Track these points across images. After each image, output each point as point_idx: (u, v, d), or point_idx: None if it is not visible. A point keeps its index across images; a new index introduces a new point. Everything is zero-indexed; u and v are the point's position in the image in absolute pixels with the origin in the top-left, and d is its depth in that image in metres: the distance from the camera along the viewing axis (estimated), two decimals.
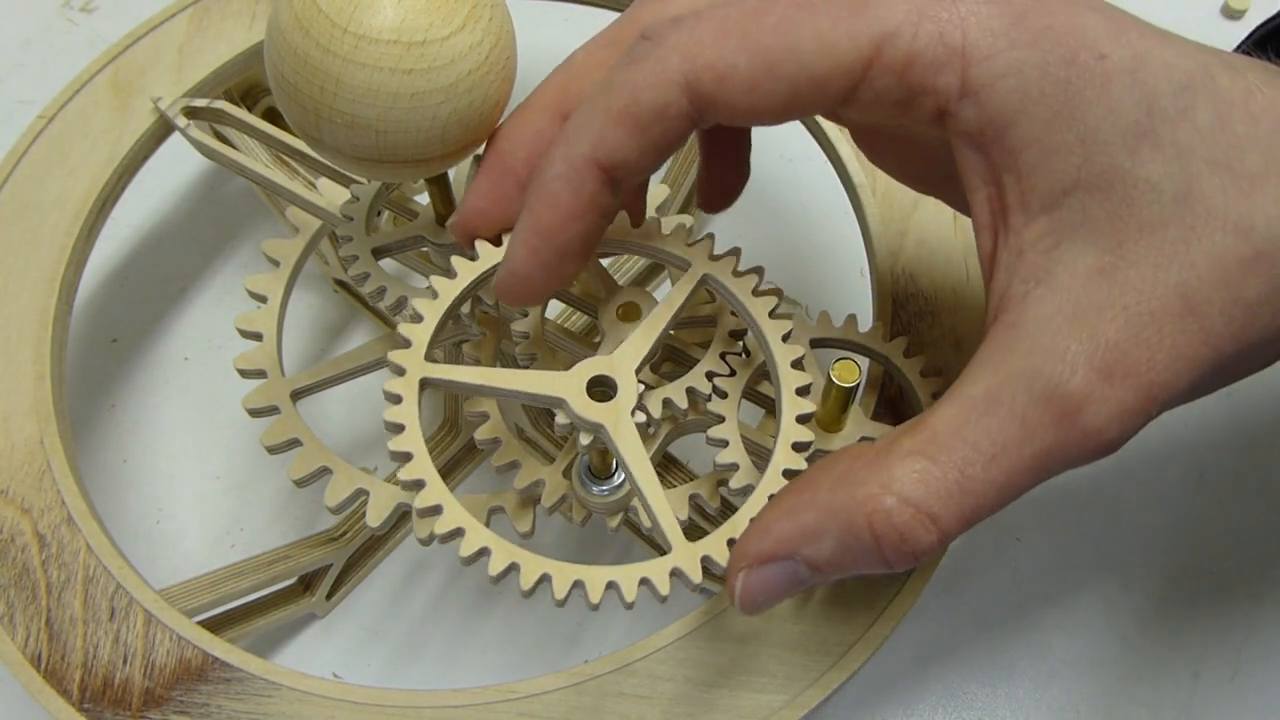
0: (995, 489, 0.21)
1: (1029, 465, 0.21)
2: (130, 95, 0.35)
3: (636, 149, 0.23)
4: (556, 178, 0.23)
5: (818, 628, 0.27)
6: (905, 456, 0.21)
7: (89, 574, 0.28)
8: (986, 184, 0.22)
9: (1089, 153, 0.21)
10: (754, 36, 0.22)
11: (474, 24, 0.24)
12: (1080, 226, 0.21)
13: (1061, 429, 0.21)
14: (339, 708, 0.27)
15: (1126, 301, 0.21)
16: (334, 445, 0.33)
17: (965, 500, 0.21)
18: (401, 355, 0.25)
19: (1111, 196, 0.21)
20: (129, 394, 0.41)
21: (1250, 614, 0.37)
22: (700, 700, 0.27)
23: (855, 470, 0.22)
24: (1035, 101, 0.21)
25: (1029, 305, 0.22)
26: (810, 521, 0.22)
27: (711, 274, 0.26)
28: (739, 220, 0.45)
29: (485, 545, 0.23)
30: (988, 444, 0.21)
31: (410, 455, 0.24)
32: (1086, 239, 0.21)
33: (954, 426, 0.21)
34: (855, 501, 0.22)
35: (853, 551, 0.22)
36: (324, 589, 0.36)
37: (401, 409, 0.24)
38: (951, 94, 0.21)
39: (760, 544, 0.23)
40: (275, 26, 0.24)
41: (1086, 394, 0.21)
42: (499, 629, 0.37)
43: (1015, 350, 0.22)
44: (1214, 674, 0.36)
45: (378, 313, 0.42)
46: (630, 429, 0.24)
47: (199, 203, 0.45)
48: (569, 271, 0.24)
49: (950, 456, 0.21)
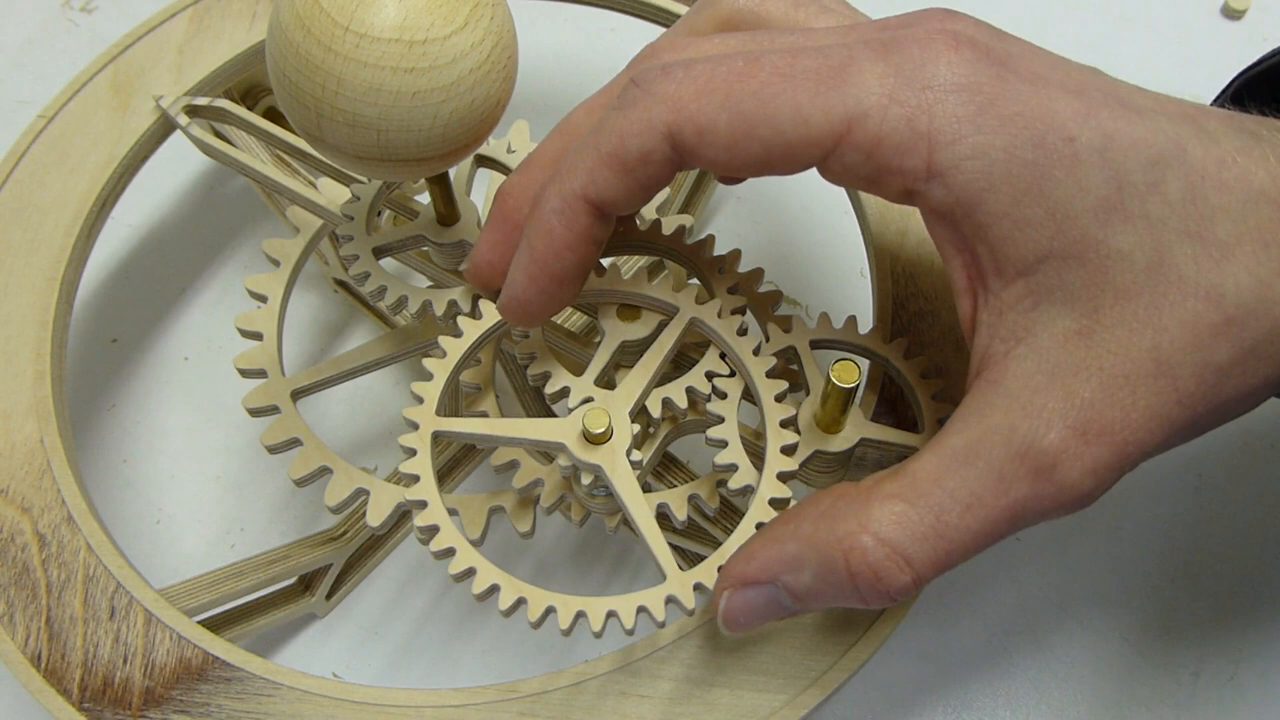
0: (970, 536, 0.22)
1: (1003, 516, 0.22)
2: (130, 95, 0.35)
3: (623, 189, 0.24)
4: (552, 212, 0.25)
5: (818, 628, 0.27)
6: (885, 499, 0.23)
7: (89, 573, 0.28)
8: (961, 253, 0.24)
9: (1060, 225, 0.22)
10: (736, 98, 0.23)
11: (475, 23, 0.24)
12: (1056, 290, 0.22)
13: (1037, 483, 0.22)
14: (339, 708, 0.27)
15: (1102, 364, 0.22)
16: (334, 445, 0.33)
17: (939, 545, 0.22)
18: (414, 412, 0.27)
19: (1085, 265, 0.22)
20: (129, 394, 0.41)
21: (1250, 614, 0.37)
22: (700, 700, 0.27)
23: (838, 507, 0.23)
24: (1003, 180, 0.22)
25: (1009, 364, 0.23)
26: (792, 551, 0.23)
27: (699, 317, 0.28)
28: (739, 220, 0.45)
29: (496, 583, 0.25)
30: (965, 493, 0.22)
31: (425, 503, 0.26)
32: (1063, 302, 0.22)
33: (934, 475, 0.22)
34: (835, 537, 0.23)
35: (829, 584, 0.23)
36: (324, 589, 0.36)
37: (416, 461, 0.26)
38: (919, 175, 0.22)
39: (744, 568, 0.24)
40: (277, 25, 0.24)
41: (1062, 450, 0.22)
42: (499, 629, 0.37)
43: (995, 406, 0.23)
44: (1214, 674, 0.36)
45: (378, 312, 0.42)
46: (626, 468, 0.26)
47: (199, 203, 0.45)
48: (565, 296, 0.26)
49: (928, 502, 0.22)
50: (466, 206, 0.31)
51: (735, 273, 0.30)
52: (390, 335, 0.32)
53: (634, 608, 0.25)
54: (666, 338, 0.28)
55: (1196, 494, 0.39)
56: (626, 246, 0.31)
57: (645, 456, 0.28)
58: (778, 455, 0.26)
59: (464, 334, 0.28)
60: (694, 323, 0.28)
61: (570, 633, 0.25)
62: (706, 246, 0.30)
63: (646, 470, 0.29)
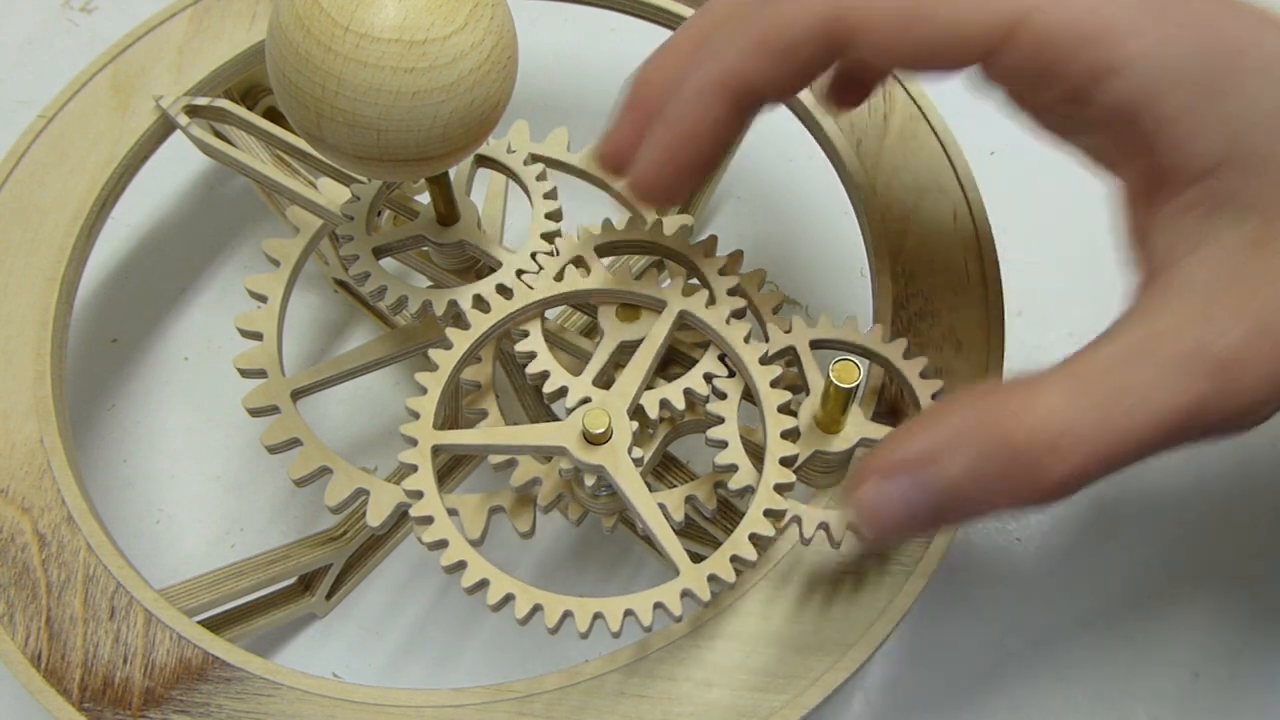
0: (1136, 435, 0.21)
1: (1173, 417, 0.21)
2: (130, 95, 0.35)
3: (773, 77, 0.24)
4: (695, 94, 0.25)
5: (818, 628, 0.27)
6: (1050, 385, 0.21)
7: (89, 573, 0.28)
8: (1132, 158, 0.23)
9: (1236, 132, 0.21)
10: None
11: (475, 23, 0.24)
12: (1234, 198, 0.21)
13: (1213, 382, 0.21)
14: (339, 708, 0.27)
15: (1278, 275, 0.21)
16: (334, 445, 0.33)
17: (1103, 438, 0.21)
18: (412, 428, 0.27)
19: (1264, 173, 0.21)
20: (129, 394, 0.41)
21: (1250, 614, 0.37)
22: (700, 700, 0.27)
23: (999, 392, 0.22)
24: (1183, 80, 0.21)
25: (1182, 269, 0.22)
26: (947, 433, 0.22)
27: (687, 309, 0.28)
28: (739, 220, 0.45)
29: (510, 592, 0.26)
30: (1134, 389, 0.21)
31: (431, 519, 0.26)
32: (1240, 210, 0.21)
33: (1101, 370, 0.21)
34: (1002, 413, 0.21)
35: (986, 471, 0.21)
36: (324, 589, 0.36)
37: (419, 477, 0.26)
38: (1096, 70, 0.22)
39: (894, 453, 0.22)
40: (276, 25, 0.24)
41: (1241, 351, 0.21)
42: (499, 629, 0.37)
43: (1166, 309, 0.22)
44: (1214, 674, 0.36)
45: (378, 312, 0.42)
46: (629, 466, 0.26)
47: (199, 203, 0.45)
48: (687, 183, 0.26)
49: (1096, 393, 0.21)
50: (466, 206, 0.31)
51: (736, 273, 0.30)
52: (390, 335, 0.32)
53: (650, 604, 0.25)
54: (657, 332, 0.28)
55: (1196, 494, 0.39)
56: (627, 247, 0.31)
57: (645, 454, 0.28)
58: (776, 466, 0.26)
59: (454, 345, 0.28)
60: (684, 315, 0.28)
61: (556, 630, 0.25)
62: (708, 247, 0.30)
63: (646, 471, 0.29)
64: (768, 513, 0.26)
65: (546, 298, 0.29)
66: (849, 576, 0.28)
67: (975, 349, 0.30)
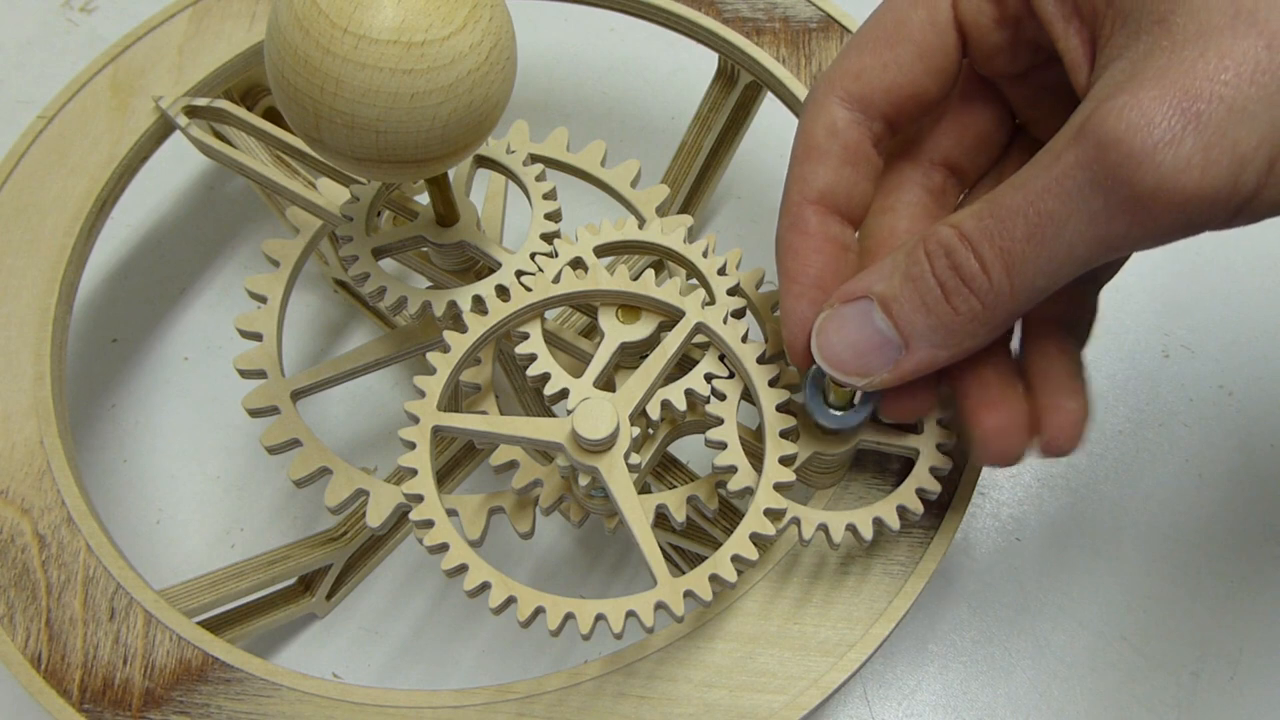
0: (1023, 215, 0.22)
1: (1061, 180, 0.21)
2: (130, 95, 0.35)
3: (832, 172, 0.26)
4: (784, 230, 0.27)
5: (818, 628, 0.27)
6: (967, 207, 0.23)
7: (89, 574, 0.28)
8: (1073, 24, 0.23)
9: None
10: None
11: (474, 24, 0.24)
12: (1153, 34, 0.21)
13: (1124, 170, 0.20)
14: (339, 708, 0.27)
15: (1212, 75, 0.20)
16: (334, 445, 0.33)
17: (1000, 224, 0.22)
18: (416, 405, 0.26)
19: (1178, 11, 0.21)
20: (129, 394, 0.41)
21: (1250, 614, 0.37)
22: (700, 701, 0.27)
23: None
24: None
25: (1100, 85, 0.22)
26: (883, 264, 0.24)
27: (704, 322, 0.28)
28: (739, 220, 0.45)
29: (487, 580, 0.25)
30: (1042, 186, 0.21)
31: (432, 522, 0.26)
32: (1156, 42, 0.21)
33: (1015, 181, 0.22)
34: (920, 239, 0.24)
35: (913, 284, 0.23)
36: (324, 589, 0.36)
37: (415, 455, 0.26)
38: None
39: (842, 289, 0.25)
40: (275, 26, 0.24)
41: (1161, 138, 0.20)
42: (499, 629, 0.37)
43: (1079, 116, 0.21)
44: (1214, 674, 0.36)
45: (378, 313, 0.42)
46: (623, 471, 0.26)
47: (199, 203, 0.45)
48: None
49: (1007, 202, 0.22)
50: (466, 207, 0.31)
51: (735, 273, 0.30)
52: (390, 335, 0.32)
53: (623, 612, 0.25)
54: (671, 341, 0.28)
55: (1197, 493, 0.39)
56: (628, 247, 0.31)
57: (644, 459, 0.28)
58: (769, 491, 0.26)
59: (469, 329, 0.28)
60: (699, 327, 0.28)
61: (559, 633, 0.25)
62: (707, 247, 0.30)
63: (646, 471, 0.29)
64: (768, 512, 0.26)
65: (554, 297, 0.28)
66: (849, 577, 0.28)
67: None
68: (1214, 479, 0.39)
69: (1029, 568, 0.37)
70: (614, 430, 0.25)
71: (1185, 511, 0.38)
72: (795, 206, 0.26)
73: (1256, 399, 0.40)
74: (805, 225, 0.26)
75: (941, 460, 0.27)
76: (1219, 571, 0.37)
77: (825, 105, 0.26)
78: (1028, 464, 0.39)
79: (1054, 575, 0.37)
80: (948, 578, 0.37)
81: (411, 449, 0.26)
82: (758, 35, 0.36)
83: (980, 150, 0.28)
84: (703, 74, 0.40)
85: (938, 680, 0.36)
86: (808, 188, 0.26)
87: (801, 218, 0.26)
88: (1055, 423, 0.25)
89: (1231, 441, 0.40)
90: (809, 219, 0.26)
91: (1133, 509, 0.38)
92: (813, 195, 0.26)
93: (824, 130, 0.26)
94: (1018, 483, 0.39)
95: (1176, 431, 0.40)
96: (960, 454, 0.29)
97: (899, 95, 0.26)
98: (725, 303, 0.29)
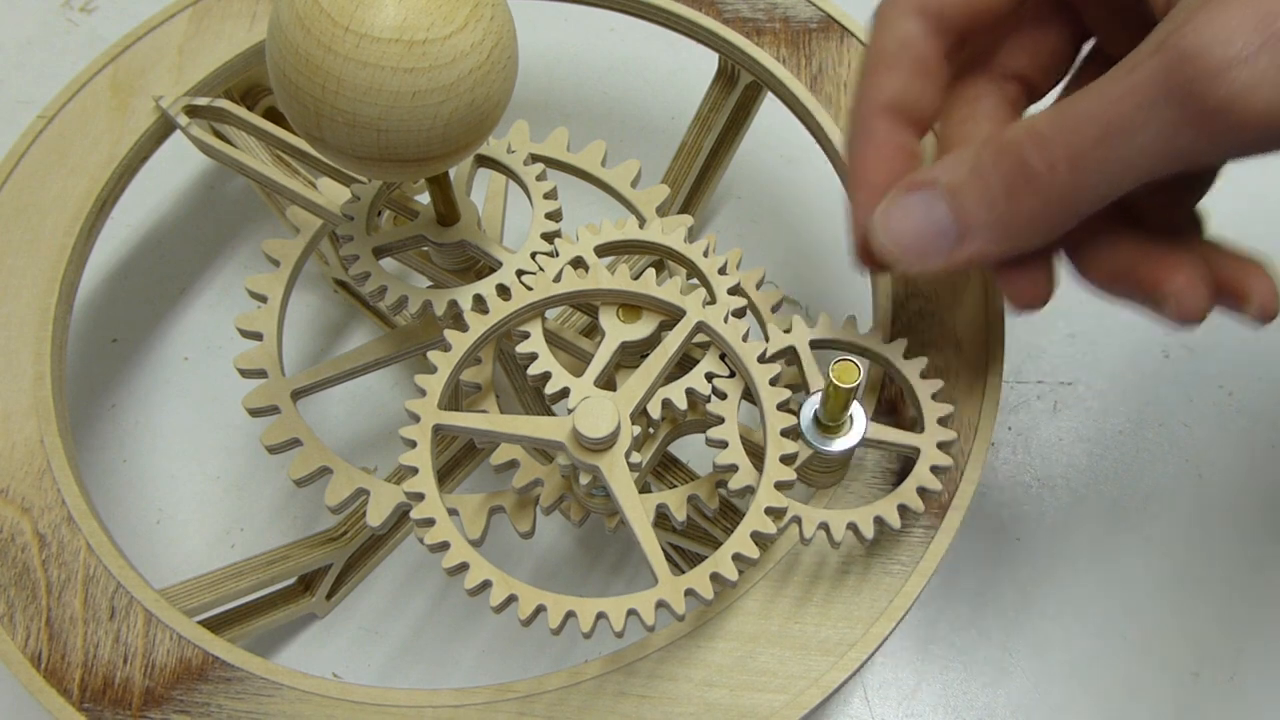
0: (1097, 119, 0.22)
1: (1160, 125, 0.21)
2: (130, 95, 0.35)
3: (901, 83, 0.26)
4: (853, 137, 0.27)
5: (818, 628, 0.27)
6: (1041, 111, 0.23)
7: (89, 573, 0.28)
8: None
9: None
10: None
11: (475, 23, 0.24)
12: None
13: (1199, 83, 0.21)
14: (339, 708, 0.27)
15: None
16: (334, 445, 0.33)
17: (1076, 129, 0.22)
18: (417, 404, 0.27)
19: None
20: (129, 394, 0.41)
21: (1250, 614, 0.37)
22: (700, 700, 0.27)
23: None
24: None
25: (1184, 2, 0.22)
26: (953, 156, 0.24)
27: (705, 321, 0.28)
28: (739, 220, 0.45)
29: (489, 578, 0.25)
30: (1118, 94, 0.22)
31: (433, 521, 0.26)
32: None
33: (1092, 88, 0.22)
34: (991, 136, 0.24)
35: (980, 177, 0.23)
36: (324, 589, 0.36)
37: (416, 453, 0.26)
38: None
39: (908, 178, 0.25)
40: (276, 25, 0.24)
41: (1238, 55, 0.20)
42: (499, 629, 0.37)
43: (1161, 31, 0.22)
44: (1214, 674, 0.36)
45: (378, 313, 0.42)
46: (624, 470, 0.26)
47: (199, 203, 0.45)
48: None
49: (1081, 107, 0.22)
50: (466, 206, 0.31)
51: (736, 273, 0.30)
52: (390, 335, 0.32)
53: (624, 610, 0.25)
54: (672, 340, 0.27)
55: (1197, 493, 0.39)
56: (628, 247, 0.31)
57: (645, 458, 0.28)
58: (770, 489, 0.26)
59: (470, 328, 0.28)
60: (700, 326, 0.28)
61: (560, 631, 0.25)
62: (708, 247, 0.30)
63: (646, 470, 0.29)
64: (769, 510, 0.26)
65: (555, 296, 0.28)
66: (850, 577, 0.28)
67: (975, 349, 0.30)
68: (1214, 479, 0.39)
69: (1029, 568, 0.37)
70: (615, 429, 0.25)
71: (1185, 511, 0.38)
72: (865, 115, 0.27)
73: (1256, 399, 0.40)
74: (874, 133, 0.26)
75: (942, 459, 0.27)
76: (1219, 571, 0.37)
77: (898, 17, 0.26)
78: (1028, 464, 0.39)
79: (1054, 575, 0.37)
80: (948, 577, 0.37)
81: (412, 447, 0.26)
82: (758, 35, 0.36)
83: (1053, 65, 0.28)
84: (703, 74, 0.40)
85: (938, 680, 0.36)
86: (879, 96, 0.26)
87: (871, 126, 0.27)
88: (1258, 287, 0.24)
89: (1231, 441, 0.40)
90: (878, 127, 0.26)
91: (1133, 509, 0.38)
92: (883, 104, 0.26)
93: (896, 41, 0.26)
94: (1018, 483, 0.39)
95: (1176, 431, 0.40)
96: (960, 454, 0.29)
97: (972, 7, 0.26)
98: (726, 302, 0.29)
